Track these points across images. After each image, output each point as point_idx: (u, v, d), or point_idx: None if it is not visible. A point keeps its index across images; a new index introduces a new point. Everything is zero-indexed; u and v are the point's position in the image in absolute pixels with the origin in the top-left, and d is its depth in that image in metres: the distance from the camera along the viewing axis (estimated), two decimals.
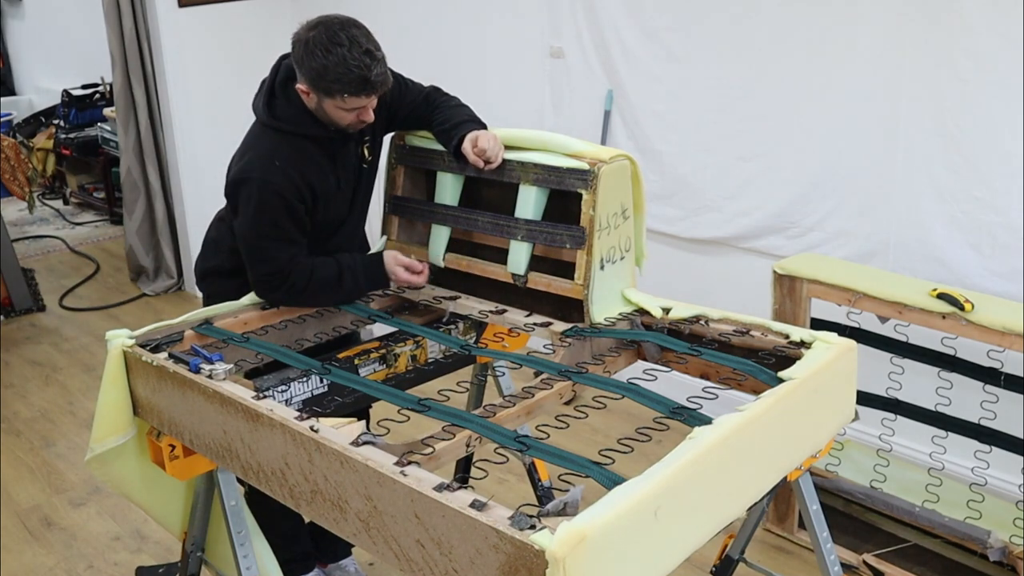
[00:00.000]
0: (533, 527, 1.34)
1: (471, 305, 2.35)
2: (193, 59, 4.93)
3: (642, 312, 2.19)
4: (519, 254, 2.27)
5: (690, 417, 1.65)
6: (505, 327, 2.28)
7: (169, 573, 2.79)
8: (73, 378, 4.39)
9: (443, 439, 1.68)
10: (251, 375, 2.15)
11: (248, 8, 4.98)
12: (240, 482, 2.04)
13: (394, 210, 2.54)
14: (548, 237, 2.21)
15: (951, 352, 2.53)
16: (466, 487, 1.46)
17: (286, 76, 2.26)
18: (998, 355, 2.45)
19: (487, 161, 2.25)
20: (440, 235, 2.44)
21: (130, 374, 2.10)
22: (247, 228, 2.25)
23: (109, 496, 3.37)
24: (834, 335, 1.92)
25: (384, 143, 2.48)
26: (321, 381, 2.09)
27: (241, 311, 2.30)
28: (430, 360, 2.34)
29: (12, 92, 8.72)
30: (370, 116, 2.22)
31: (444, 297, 2.40)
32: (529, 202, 2.24)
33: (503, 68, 4.03)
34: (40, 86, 8.26)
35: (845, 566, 2.39)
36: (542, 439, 1.65)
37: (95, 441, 2.11)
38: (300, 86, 2.18)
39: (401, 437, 1.71)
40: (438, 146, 2.40)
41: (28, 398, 4.21)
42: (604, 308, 2.17)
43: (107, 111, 6.40)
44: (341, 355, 2.20)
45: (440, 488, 1.45)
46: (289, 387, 2.05)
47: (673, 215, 3.51)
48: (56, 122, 7.16)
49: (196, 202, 5.07)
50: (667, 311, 2.15)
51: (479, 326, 2.42)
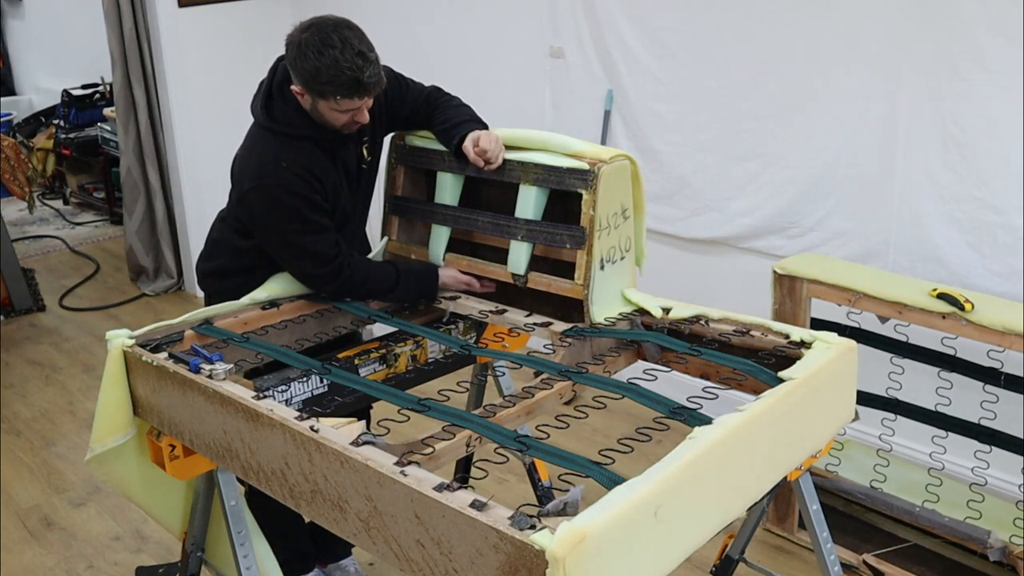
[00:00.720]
0: (533, 527, 1.34)
1: (471, 305, 2.35)
2: (193, 59, 4.93)
3: (642, 312, 2.19)
4: (519, 254, 2.27)
5: (690, 417, 1.65)
6: (505, 327, 2.28)
7: (169, 573, 2.79)
8: (73, 378, 4.39)
9: (443, 439, 1.68)
10: (251, 375, 2.15)
11: (248, 8, 4.98)
12: (240, 482, 2.04)
13: (394, 210, 2.54)
14: (548, 237, 2.21)
15: (951, 352, 2.53)
16: (466, 487, 1.45)
17: (283, 78, 2.25)
18: (998, 355, 2.45)
19: (488, 161, 2.25)
20: (440, 235, 2.44)
21: (130, 374, 2.09)
22: (277, 235, 2.24)
23: (109, 496, 3.37)
24: (834, 335, 1.92)
25: (384, 143, 2.48)
26: (321, 381, 2.09)
27: (241, 311, 2.30)
28: (430, 360, 2.34)
29: (12, 92, 8.71)
30: (365, 117, 2.22)
31: (444, 297, 2.40)
32: (529, 202, 2.24)
33: (503, 68, 4.03)
34: (40, 86, 8.26)
35: (845, 566, 2.39)
36: (542, 439, 1.65)
37: (95, 441, 2.11)
38: (295, 88, 2.18)
39: (401, 437, 1.71)
40: (438, 146, 2.40)
41: (28, 398, 4.21)
42: (604, 308, 2.17)
43: (107, 111, 6.40)
44: (341, 355, 2.20)
45: (440, 488, 1.45)
46: (289, 387, 2.05)
47: (673, 215, 3.51)
48: (56, 122, 7.15)
49: (196, 202, 5.08)
50: (667, 311, 2.15)
51: (479, 326, 2.42)
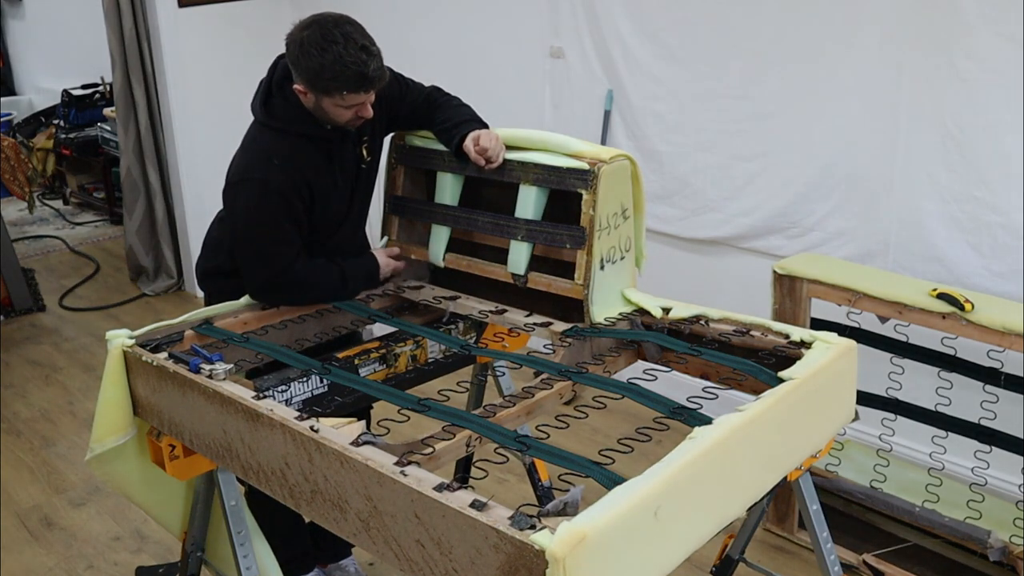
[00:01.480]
0: (533, 527, 1.34)
1: (471, 305, 2.35)
2: (193, 59, 4.93)
3: (642, 312, 2.19)
4: (519, 254, 2.27)
5: (690, 417, 1.65)
6: (505, 327, 2.28)
7: (169, 573, 2.79)
8: (73, 378, 4.39)
9: (443, 439, 1.68)
10: (251, 375, 2.15)
11: (248, 8, 4.98)
12: (240, 482, 2.04)
13: (394, 210, 2.54)
14: (548, 237, 2.21)
15: (951, 352, 2.53)
16: (466, 487, 1.45)
17: (283, 76, 2.25)
18: (998, 355, 2.45)
19: (488, 160, 2.25)
20: (440, 235, 2.44)
21: (130, 374, 2.10)
22: (245, 229, 2.25)
23: (109, 496, 3.37)
24: (834, 335, 1.92)
25: (384, 143, 2.48)
26: (321, 381, 2.09)
27: (241, 311, 2.30)
28: (430, 360, 2.34)
29: (12, 92, 8.71)
30: (369, 112, 2.22)
31: (444, 297, 2.40)
32: (529, 202, 2.24)
33: (503, 68, 4.03)
34: (40, 86, 8.26)
35: (845, 566, 2.39)
36: (542, 439, 1.65)
37: (95, 441, 2.11)
38: (297, 86, 2.18)
39: (401, 437, 1.71)
40: (438, 146, 2.40)
41: (28, 398, 4.21)
42: (604, 308, 2.17)
43: (107, 111, 6.40)
44: (341, 355, 2.20)
45: (440, 488, 1.45)
46: (289, 387, 2.05)
47: (673, 215, 3.51)
48: (56, 122, 7.15)
49: (196, 202, 5.08)
50: (667, 311, 2.15)
51: (479, 326, 2.41)
